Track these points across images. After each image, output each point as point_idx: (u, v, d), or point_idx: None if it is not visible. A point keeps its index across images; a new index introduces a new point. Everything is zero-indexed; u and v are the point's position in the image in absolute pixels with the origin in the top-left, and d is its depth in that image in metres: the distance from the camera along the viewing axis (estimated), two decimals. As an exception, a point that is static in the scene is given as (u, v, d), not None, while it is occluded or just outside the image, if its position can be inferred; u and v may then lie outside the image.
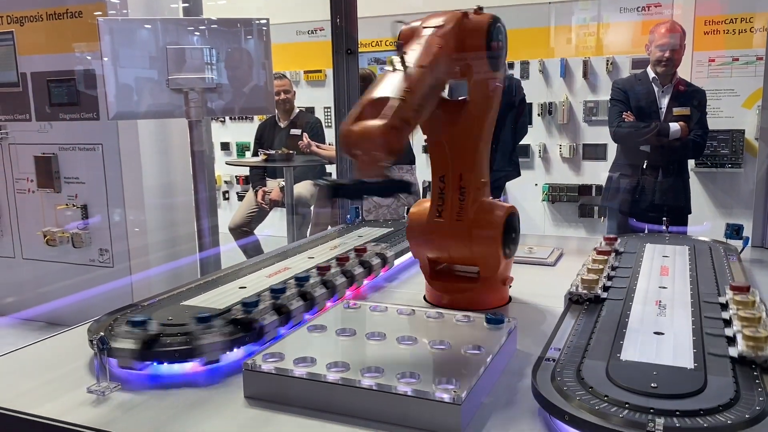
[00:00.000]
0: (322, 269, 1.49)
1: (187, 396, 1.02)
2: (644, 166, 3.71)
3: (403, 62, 1.17)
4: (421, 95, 1.16)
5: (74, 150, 4.08)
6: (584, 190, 5.48)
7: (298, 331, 1.16)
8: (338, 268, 1.54)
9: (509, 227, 1.39)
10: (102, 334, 1.06)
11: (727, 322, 1.11)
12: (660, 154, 3.67)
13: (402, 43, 1.27)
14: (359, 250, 1.69)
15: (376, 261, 1.66)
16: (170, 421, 0.94)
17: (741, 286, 1.21)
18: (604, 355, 1.00)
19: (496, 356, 1.04)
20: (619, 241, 1.77)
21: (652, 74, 3.72)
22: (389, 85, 1.13)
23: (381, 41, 5.95)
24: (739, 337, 1.00)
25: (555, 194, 5.59)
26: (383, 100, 1.09)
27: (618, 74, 5.28)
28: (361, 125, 1.07)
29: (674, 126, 3.63)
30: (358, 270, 1.57)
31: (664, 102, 3.71)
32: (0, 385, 1.08)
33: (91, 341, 1.08)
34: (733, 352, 0.98)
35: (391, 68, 1.18)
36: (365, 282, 1.63)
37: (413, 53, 1.22)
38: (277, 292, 1.25)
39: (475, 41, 1.29)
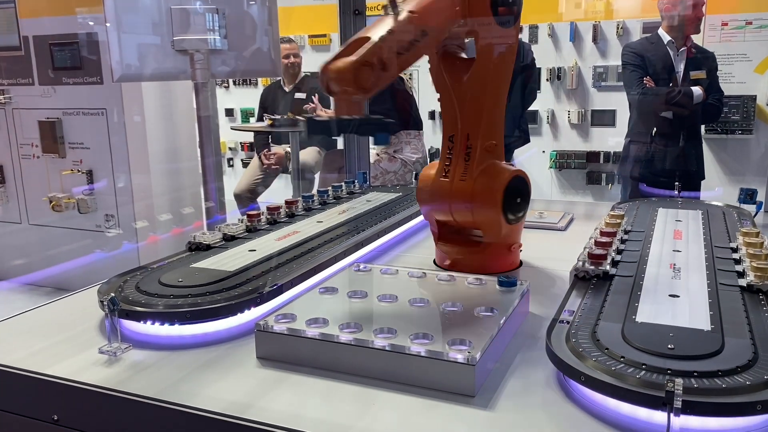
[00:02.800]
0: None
1: (199, 357, 1.02)
2: (663, 132, 3.65)
3: (394, 5, 1.16)
4: (405, 39, 1.15)
5: (78, 115, 4.05)
6: (592, 156, 5.42)
7: (309, 293, 1.15)
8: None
9: (514, 192, 1.34)
10: (113, 294, 1.05)
11: (737, 262, 1.26)
12: (680, 119, 3.61)
13: None
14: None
15: (383, 225, 1.65)
16: (182, 382, 0.94)
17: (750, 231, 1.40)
18: (620, 317, 0.99)
19: (509, 318, 1.03)
20: (626, 218, 1.62)
21: (667, 37, 3.62)
22: (376, 27, 1.14)
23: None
24: (747, 269, 1.17)
25: (563, 161, 5.53)
26: (364, 40, 1.10)
27: (628, 39, 5.16)
28: (336, 62, 1.08)
29: (697, 90, 3.56)
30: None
31: (681, 66, 3.63)
32: (12, 345, 1.08)
33: (101, 302, 1.07)
34: (742, 282, 1.13)
35: (383, 12, 1.18)
36: (374, 246, 1.62)
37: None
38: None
39: (481, 1, 1.24)
